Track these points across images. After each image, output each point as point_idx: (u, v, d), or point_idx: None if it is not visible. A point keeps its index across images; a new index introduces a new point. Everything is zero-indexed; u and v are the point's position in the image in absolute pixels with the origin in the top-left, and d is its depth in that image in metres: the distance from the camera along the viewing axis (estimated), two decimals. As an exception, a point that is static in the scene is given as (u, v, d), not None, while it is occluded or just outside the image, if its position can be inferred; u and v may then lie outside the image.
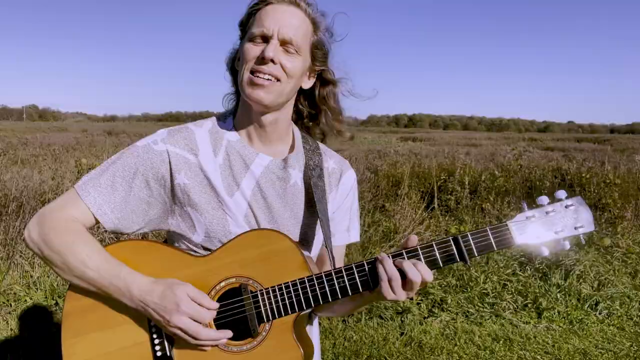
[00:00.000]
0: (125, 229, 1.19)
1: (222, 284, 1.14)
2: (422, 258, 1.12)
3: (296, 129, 1.34)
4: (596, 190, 6.21)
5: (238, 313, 1.13)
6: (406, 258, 1.12)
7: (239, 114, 1.26)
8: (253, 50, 1.14)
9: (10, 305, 3.74)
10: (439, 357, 3.36)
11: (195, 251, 1.23)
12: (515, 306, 4.08)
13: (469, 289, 4.21)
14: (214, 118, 1.29)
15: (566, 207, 1.10)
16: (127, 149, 1.20)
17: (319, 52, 1.22)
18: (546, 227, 1.10)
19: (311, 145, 1.32)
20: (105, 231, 4.04)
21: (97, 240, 1.16)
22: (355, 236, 1.39)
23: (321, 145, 1.35)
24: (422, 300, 4.13)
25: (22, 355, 3.15)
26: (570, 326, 3.88)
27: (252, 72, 1.14)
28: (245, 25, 1.21)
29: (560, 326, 3.87)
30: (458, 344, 3.54)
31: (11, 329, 3.47)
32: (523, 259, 4.72)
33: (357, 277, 1.14)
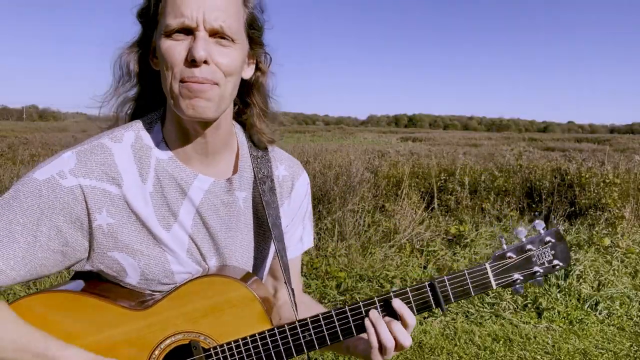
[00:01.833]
0: (34, 280, 1.02)
1: (168, 341, 0.99)
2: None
3: (239, 130, 1.11)
4: (596, 190, 6.21)
5: None
6: (379, 308, 1.00)
7: (168, 122, 0.99)
8: (176, 49, 0.88)
9: (10, 306, 3.74)
10: (439, 357, 3.35)
11: (127, 289, 1.03)
12: (515, 306, 4.08)
13: (469, 289, 4.21)
14: (136, 126, 1.00)
15: (545, 243, 1.08)
16: (24, 185, 0.91)
17: (254, 32, 0.98)
18: (524, 267, 1.07)
19: (257, 154, 1.10)
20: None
21: (3, 303, 0.94)
22: (308, 242, 1.24)
23: (269, 150, 1.14)
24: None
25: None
26: (570, 326, 3.88)
27: (182, 80, 0.89)
28: (149, 13, 0.93)
29: (560, 326, 3.87)
30: (458, 344, 3.54)
31: (11, 329, 3.47)
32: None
33: (329, 326, 1.00)
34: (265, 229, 1.12)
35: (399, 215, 5.58)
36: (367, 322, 0.97)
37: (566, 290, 4.24)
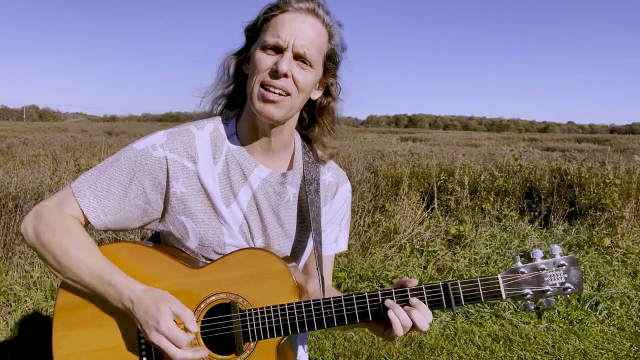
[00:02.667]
0: (118, 230, 1.20)
1: (213, 298, 1.15)
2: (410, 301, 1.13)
3: (297, 137, 1.31)
4: (596, 191, 6.21)
5: (225, 329, 1.14)
6: (395, 299, 1.13)
7: (243, 120, 1.22)
8: (265, 61, 1.10)
9: (10, 306, 3.73)
10: (439, 357, 3.35)
11: (187, 254, 1.23)
12: (515, 306, 4.08)
13: (468, 289, 4.20)
14: (216, 119, 1.23)
15: (558, 266, 1.12)
16: (125, 151, 1.17)
17: (330, 65, 1.20)
18: (535, 284, 1.12)
19: (309, 158, 1.29)
20: (105, 231, 4.04)
21: (91, 240, 1.15)
22: (342, 245, 1.40)
23: (322, 156, 1.33)
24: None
25: (22, 355, 3.15)
26: (570, 326, 3.88)
27: (263, 84, 1.10)
28: (255, 29, 1.16)
29: (560, 326, 3.87)
30: (458, 344, 3.54)
31: (11, 329, 3.47)
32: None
33: (348, 308, 1.14)
34: (306, 225, 1.28)
35: (399, 216, 5.58)
36: (388, 302, 1.11)
37: (566, 290, 4.24)
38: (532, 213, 6.46)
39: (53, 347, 1.16)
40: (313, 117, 1.28)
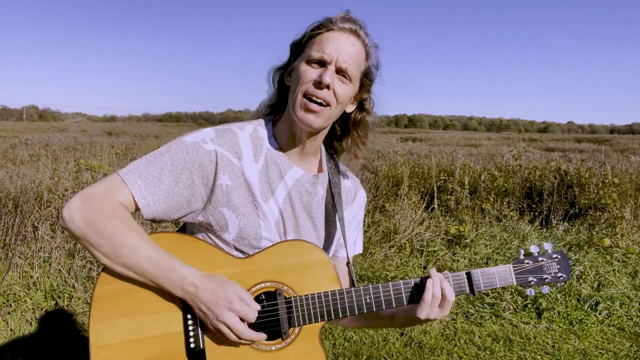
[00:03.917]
0: (160, 221, 1.22)
1: (259, 286, 1.21)
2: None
3: (322, 147, 1.41)
4: (595, 191, 6.21)
5: (271, 315, 1.21)
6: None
7: (281, 124, 1.31)
8: (310, 73, 1.20)
9: (10, 306, 3.73)
10: (439, 358, 3.35)
11: (221, 247, 1.27)
12: (515, 306, 4.08)
13: (468, 289, 4.20)
14: (254, 122, 1.33)
15: (552, 258, 1.38)
16: (175, 143, 1.21)
17: (366, 81, 1.30)
18: (537, 273, 1.36)
19: (332, 165, 1.41)
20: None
21: (143, 230, 1.17)
22: (360, 248, 1.52)
23: (340, 164, 1.46)
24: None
25: (22, 355, 3.15)
26: (570, 326, 3.88)
27: (306, 94, 1.20)
28: (300, 45, 1.26)
29: (560, 326, 3.87)
30: (458, 344, 3.54)
31: (11, 330, 3.47)
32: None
33: (385, 294, 1.26)
34: (331, 224, 1.40)
35: (399, 216, 5.58)
36: (427, 281, 1.26)
37: (566, 290, 4.24)
38: (532, 213, 6.46)
39: (91, 338, 1.13)
40: (346, 129, 1.39)
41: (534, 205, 6.55)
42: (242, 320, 1.14)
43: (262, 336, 1.17)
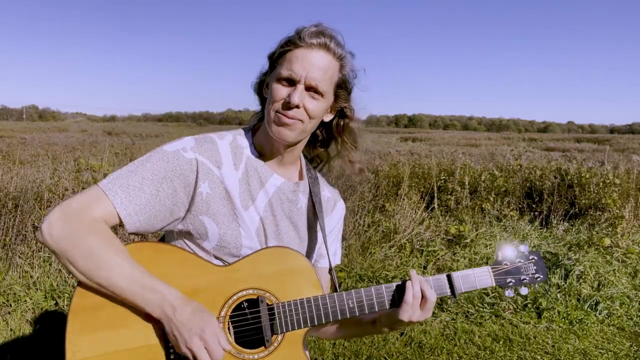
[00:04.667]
0: (144, 233, 1.20)
1: (240, 294, 1.20)
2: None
3: (302, 156, 1.41)
4: (596, 191, 6.20)
5: (253, 323, 1.20)
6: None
7: (260, 134, 1.32)
8: (280, 92, 1.20)
9: (10, 306, 3.73)
10: (439, 357, 3.35)
11: (200, 256, 1.25)
12: (515, 306, 4.08)
13: (468, 289, 4.20)
14: (235, 131, 1.34)
15: (529, 259, 1.41)
16: (155, 153, 1.20)
17: (342, 92, 1.29)
18: (515, 274, 1.39)
19: (312, 174, 1.41)
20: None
21: (122, 244, 1.14)
22: (338, 259, 1.52)
23: (318, 175, 1.45)
24: (422, 300, 4.12)
25: (22, 355, 3.15)
26: (570, 326, 3.88)
27: (277, 112, 1.20)
28: (273, 59, 1.26)
29: (560, 326, 3.87)
30: (458, 344, 3.54)
31: (11, 329, 3.47)
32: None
33: (367, 298, 1.26)
34: (313, 233, 1.40)
35: (399, 215, 5.58)
36: (407, 283, 1.27)
37: (566, 290, 4.24)
38: (532, 213, 6.45)
39: (67, 351, 1.10)
40: (331, 136, 1.40)
41: (534, 205, 6.54)
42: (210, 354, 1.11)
43: None
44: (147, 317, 1.13)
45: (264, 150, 1.30)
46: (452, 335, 3.67)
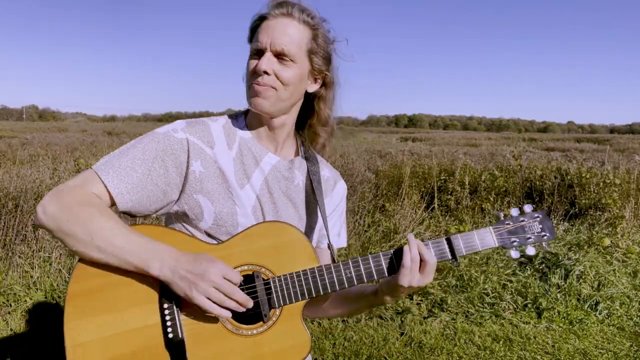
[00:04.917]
0: (137, 213, 1.20)
1: (236, 270, 1.19)
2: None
3: (298, 137, 1.41)
4: (596, 191, 6.21)
5: (250, 298, 1.18)
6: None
7: (250, 115, 1.33)
8: (250, 64, 1.23)
9: (10, 305, 3.74)
10: (439, 357, 3.35)
11: (195, 236, 1.25)
12: (515, 306, 4.08)
13: (468, 289, 4.21)
14: (226, 116, 1.35)
15: (534, 218, 1.32)
16: (147, 135, 1.23)
17: (316, 58, 1.27)
18: (518, 233, 1.30)
19: (310, 154, 1.40)
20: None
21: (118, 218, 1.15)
22: (344, 241, 1.49)
23: (317, 155, 1.44)
24: (422, 300, 4.13)
25: (22, 355, 3.15)
26: (570, 326, 3.88)
27: (251, 84, 1.22)
28: (250, 41, 1.28)
29: (560, 326, 3.87)
30: (458, 344, 3.54)
31: (11, 329, 3.47)
32: (523, 259, 4.72)
33: (365, 266, 1.23)
34: (313, 211, 1.38)
35: (399, 215, 5.58)
36: (409, 235, 1.26)
37: (566, 290, 4.24)
38: (532, 213, 6.45)
39: (66, 337, 1.10)
40: (312, 107, 1.37)
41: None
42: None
43: (249, 301, 1.13)
44: (144, 297, 1.14)
45: (257, 130, 1.31)
46: (452, 335, 3.67)
